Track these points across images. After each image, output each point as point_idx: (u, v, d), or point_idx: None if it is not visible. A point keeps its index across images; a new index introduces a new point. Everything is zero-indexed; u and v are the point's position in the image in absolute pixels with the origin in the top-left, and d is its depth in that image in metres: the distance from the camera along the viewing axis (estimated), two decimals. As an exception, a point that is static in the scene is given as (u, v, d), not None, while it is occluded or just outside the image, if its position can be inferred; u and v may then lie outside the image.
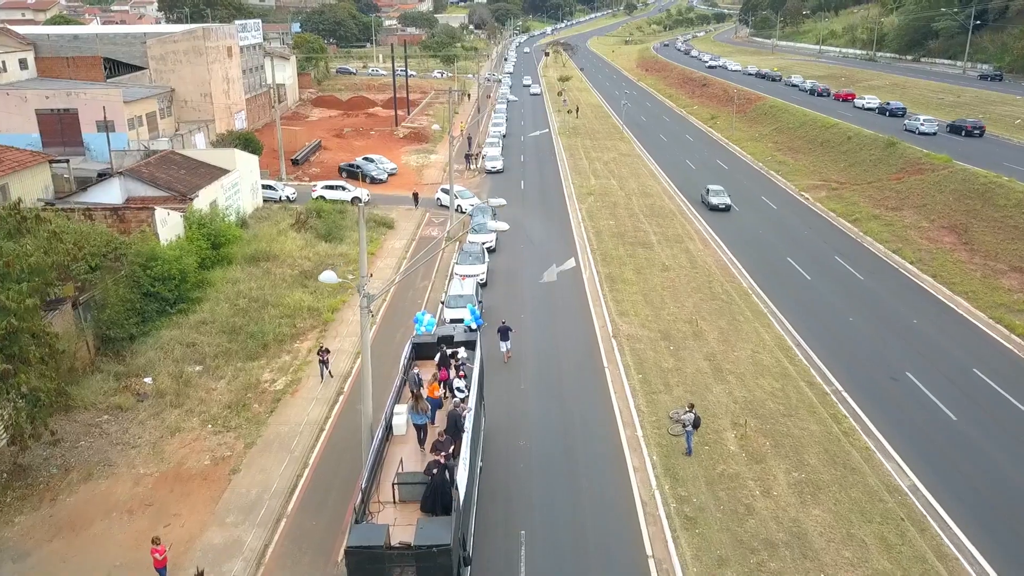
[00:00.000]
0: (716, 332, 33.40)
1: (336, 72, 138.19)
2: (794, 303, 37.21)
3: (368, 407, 21.00)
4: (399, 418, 20.68)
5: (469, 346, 24.81)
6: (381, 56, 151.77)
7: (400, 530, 16.21)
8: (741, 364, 30.37)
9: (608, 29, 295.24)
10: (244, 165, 48.93)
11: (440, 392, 21.81)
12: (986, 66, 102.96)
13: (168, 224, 36.90)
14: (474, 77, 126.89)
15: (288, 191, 55.19)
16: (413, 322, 24.14)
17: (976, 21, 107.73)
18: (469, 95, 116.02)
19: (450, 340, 25.27)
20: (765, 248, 45.84)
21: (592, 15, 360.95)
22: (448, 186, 50.80)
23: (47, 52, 75.73)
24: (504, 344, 31.65)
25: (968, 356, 31.52)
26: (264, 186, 53.69)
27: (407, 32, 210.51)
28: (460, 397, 21.24)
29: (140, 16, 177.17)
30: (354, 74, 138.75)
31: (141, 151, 48.43)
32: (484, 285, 39.02)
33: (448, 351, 23.82)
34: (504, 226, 25.20)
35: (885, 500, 22.09)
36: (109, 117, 58.75)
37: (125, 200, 40.21)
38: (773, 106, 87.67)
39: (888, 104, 76.42)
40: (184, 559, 19.54)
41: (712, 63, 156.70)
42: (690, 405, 24.16)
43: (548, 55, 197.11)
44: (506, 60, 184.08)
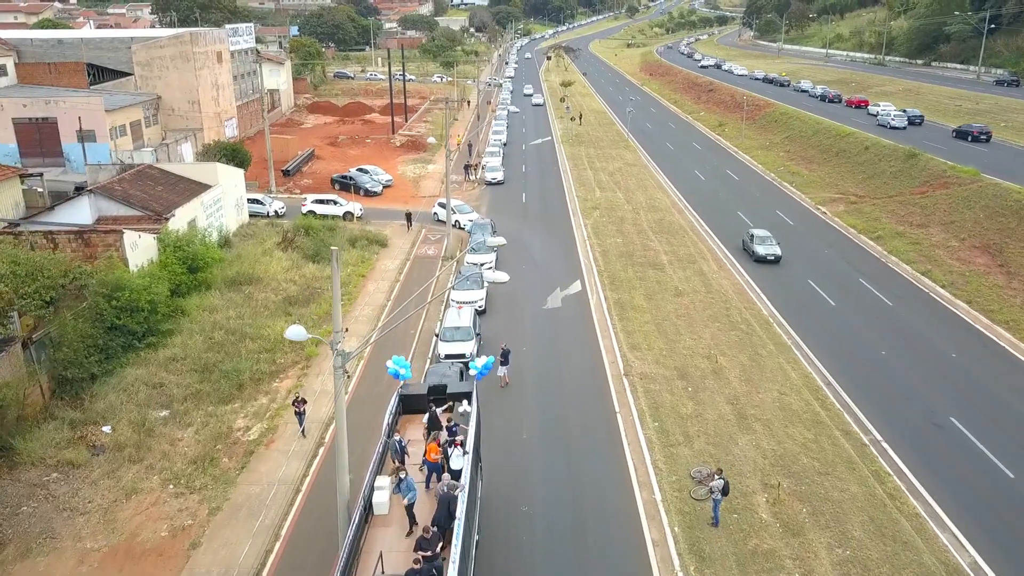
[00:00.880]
0: (737, 369, 30.39)
1: (334, 76, 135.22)
2: (820, 333, 34.21)
3: (344, 482, 18.03)
4: (381, 495, 17.71)
5: (464, 398, 21.87)
6: (380, 60, 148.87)
7: None
8: (768, 409, 27.37)
9: (610, 32, 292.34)
10: (228, 179, 45.97)
11: (438, 456, 18.86)
12: (1001, 71, 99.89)
13: (139, 248, 33.94)
14: (474, 82, 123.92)
15: (277, 205, 52.20)
16: (390, 373, 20.70)
17: (990, 25, 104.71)
18: (469, 102, 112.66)
19: (442, 390, 22.31)
20: (784, 268, 42.84)
21: (594, 18, 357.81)
22: (445, 200, 47.86)
23: (30, 57, 72.88)
24: (503, 369, 29.30)
25: (1016, 397, 28.52)
26: (250, 200, 50.72)
27: (407, 35, 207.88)
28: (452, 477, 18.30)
29: (135, 19, 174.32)
30: (352, 78, 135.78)
31: (117, 165, 45.41)
32: (483, 312, 36.04)
33: (439, 409, 20.89)
34: (501, 240, 22.23)
35: (945, 584, 19.13)
36: (90, 126, 55.89)
37: (96, 220, 37.26)
38: (784, 113, 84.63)
39: (905, 112, 73.31)
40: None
41: (704, 63, 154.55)
42: (718, 470, 21.11)
43: (550, 59, 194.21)
44: (507, 64, 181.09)
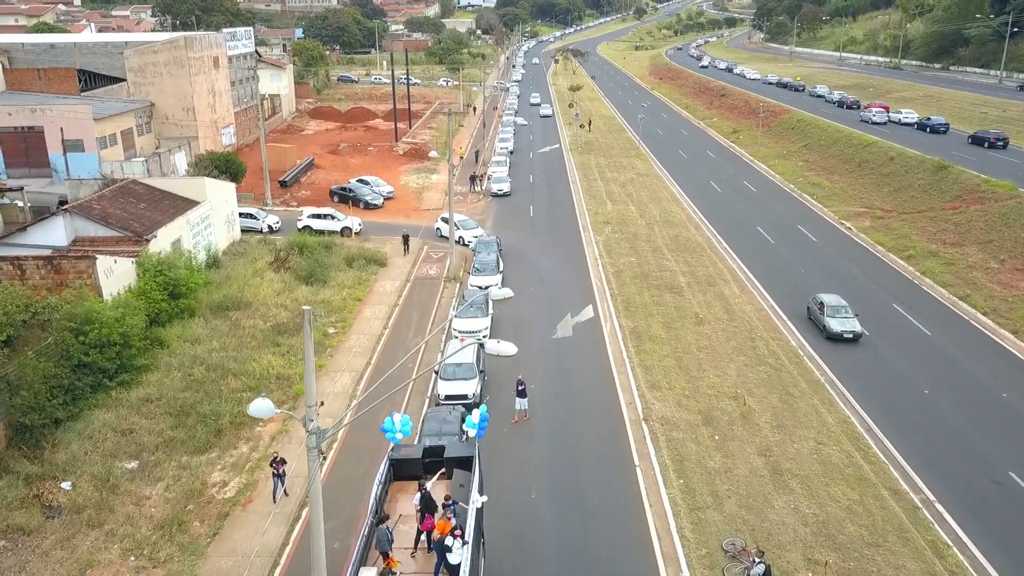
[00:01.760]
0: (768, 413, 27.54)
1: (337, 80, 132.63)
2: (855, 369, 31.31)
3: (321, 579, 15.32)
4: (364, 595, 15.04)
5: (464, 464, 19.14)
6: (384, 63, 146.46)
7: None
8: (805, 462, 24.51)
9: (618, 34, 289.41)
10: (218, 195, 43.33)
11: (440, 536, 16.13)
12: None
13: (115, 274, 31.31)
14: (480, 87, 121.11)
15: (271, 220, 49.45)
16: (382, 431, 17.77)
17: (1012, 28, 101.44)
18: (475, 108, 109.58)
19: (439, 452, 19.61)
20: (811, 293, 39.82)
21: (601, 20, 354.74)
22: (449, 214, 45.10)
23: (21, 63, 70.54)
24: (521, 402, 27.26)
25: (1082, 448, 25.61)
26: (243, 215, 48.07)
27: (413, 38, 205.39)
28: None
29: (138, 22, 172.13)
30: (356, 82, 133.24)
31: (100, 180, 42.85)
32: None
33: (434, 478, 18.17)
34: (508, 293, 19.22)
35: None
36: (78, 135, 53.39)
37: (72, 241, 34.68)
38: (801, 120, 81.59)
39: (929, 120, 70.28)
40: None
41: (703, 63, 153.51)
42: (759, 552, 18.26)
43: (557, 62, 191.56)
44: (514, 67, 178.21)
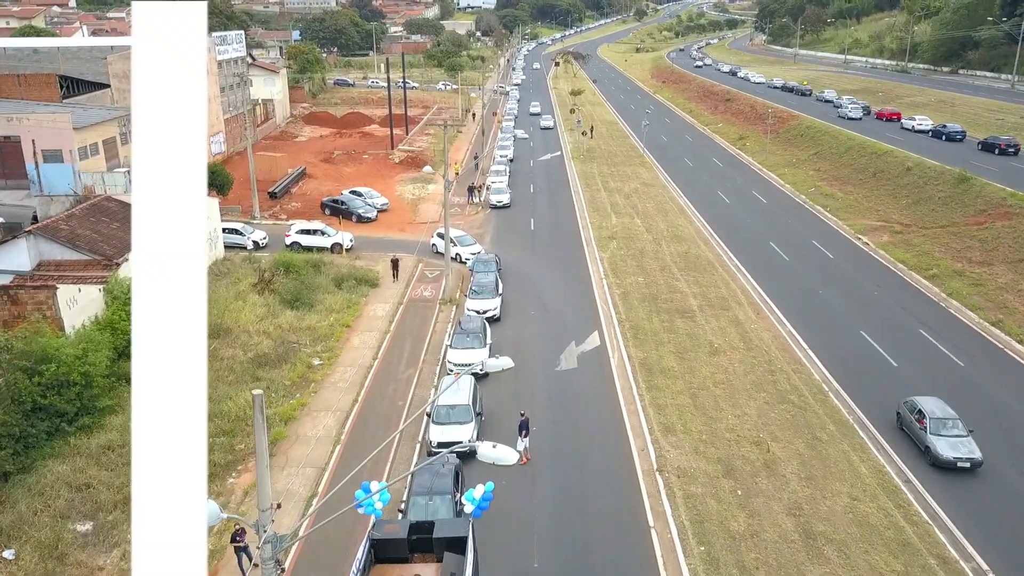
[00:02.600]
0: (795, 461, 24.97)
1: (334, 84, 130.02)
2: (885, 406, 28.70)
3: None
4: None
5: (456, 545, 16.55)
6: (382, 66, 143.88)
7: None
8: (839, 523, 21.92)
9: (618, 36, 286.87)
10: (199, 211, 40.73)
11: None
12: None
13: (79, 304, 28.76)
14: (479, 91, 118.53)
15: (257, 235, 46.82)
16: (356, 506, 14.52)
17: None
18: (474, 115, 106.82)
19: (428, 529, 17.03)
20: (831, 316, 37.38)
21: (601, 21, 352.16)
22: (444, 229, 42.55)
23: (3, 68, 68.10)
24: (522, 442, 24.82)
25: None
26: (228, 230, 45.53)
27: (412, 40, 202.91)
28: None
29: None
30: (352, 86, 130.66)
31: (71, 196, 40.31)
32: (483, 376, 29.69)
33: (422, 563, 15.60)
34: (508, 363, 16.28)
35: None
36: (56, 145, 50.74)
37: (36, 266, 32.14)
38: (810, 126, 79.04)
39: (945, 127, 67.71)
40: None
41: (699, 63, 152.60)
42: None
43: (558, 65, 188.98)
44: (514, 70, 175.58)
